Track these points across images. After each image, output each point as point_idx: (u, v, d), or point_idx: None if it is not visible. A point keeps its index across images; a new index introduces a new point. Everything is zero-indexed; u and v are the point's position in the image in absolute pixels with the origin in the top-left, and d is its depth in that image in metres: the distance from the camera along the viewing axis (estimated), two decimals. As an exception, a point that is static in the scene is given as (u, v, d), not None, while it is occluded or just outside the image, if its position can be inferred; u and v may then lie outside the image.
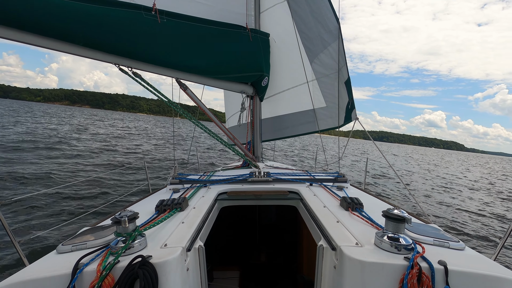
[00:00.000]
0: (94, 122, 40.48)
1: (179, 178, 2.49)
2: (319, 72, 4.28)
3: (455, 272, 1.01)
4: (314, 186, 2.42)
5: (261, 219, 3.57)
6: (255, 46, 3.36)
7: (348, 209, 1.71)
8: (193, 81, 3.01)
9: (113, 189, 7.59)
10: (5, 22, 1.90)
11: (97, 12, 2.19)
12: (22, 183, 7.11)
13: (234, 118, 5.36)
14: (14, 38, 1.99)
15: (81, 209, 5.78)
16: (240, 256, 3.40)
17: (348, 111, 4.17)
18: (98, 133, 23.95)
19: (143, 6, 2.44)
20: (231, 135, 3.36)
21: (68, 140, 16.41)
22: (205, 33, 2.86)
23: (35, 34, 2.04)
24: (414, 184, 14.49)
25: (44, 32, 2.04)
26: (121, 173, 9.36)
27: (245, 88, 3.57)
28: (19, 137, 14.65)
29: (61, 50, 2.19)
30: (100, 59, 2.36)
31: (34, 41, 2.05)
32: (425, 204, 9.67)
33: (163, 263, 1.04)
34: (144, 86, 2.64)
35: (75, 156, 11.85)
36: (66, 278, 0.98)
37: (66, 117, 47.34)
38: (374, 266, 1.04)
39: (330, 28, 4.06)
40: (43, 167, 8.92)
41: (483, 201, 11.45)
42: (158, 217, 1.51)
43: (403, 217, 1.14)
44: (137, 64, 2.52)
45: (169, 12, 2.60)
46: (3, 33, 1.93)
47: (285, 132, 4.84)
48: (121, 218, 1.11)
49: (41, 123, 26.91)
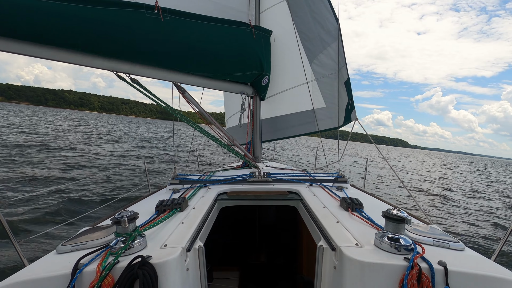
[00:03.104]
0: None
1: (179, 178, 2.49)
2: (319, 73, 4.29)
3: (455, 272, 1.01)
4: (314, 187, 2.41)
5: (261, 219, 3.57)
6: (257, 44, 3.35)
7: (348, 210, 1.71)
8: (191, 83, 2.98)
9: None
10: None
11: (98, 15, 2.13)
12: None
13: (234, 118, 5.36)
14: (6, 49, 1.83)
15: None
16: (240, 256, 3.40)
17: (347, 111, 4.17)
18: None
19: (145, 4, 2.38)
20: (231, 136, 3.36)
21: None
22: (208, 31, 2.82)
23: (30, 43, 1.90)
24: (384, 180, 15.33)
25: (39, 39, 1.92)
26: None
27: (244, 89, 3.57)
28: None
29: (56, 59, 2.08)
30: (98, 66, 2.28)
31: (29, 51, 1.92)
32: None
33: (163, 263, 1.04)
34: (142, 92, 2.60)
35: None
36: (66, 278, 0.98)
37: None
38: (374, 266, 1.04)
39: (330, 29, 4.07)
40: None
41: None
42: (158, 217, 1.51)
43: (403, 218, 1.14)
44: (135, 69, 2.47)
45: (172, 10, 2.55)
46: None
47: (285, 132, 4.84)
48: (121, 218, 1.11)
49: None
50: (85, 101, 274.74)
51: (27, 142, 14.69)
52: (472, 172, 32.67)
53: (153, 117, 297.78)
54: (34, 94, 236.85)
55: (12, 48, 1.88)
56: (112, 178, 8.68)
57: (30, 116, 45.82)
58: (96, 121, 58.48)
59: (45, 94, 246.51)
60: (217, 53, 2.93)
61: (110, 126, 44.36)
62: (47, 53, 2.03)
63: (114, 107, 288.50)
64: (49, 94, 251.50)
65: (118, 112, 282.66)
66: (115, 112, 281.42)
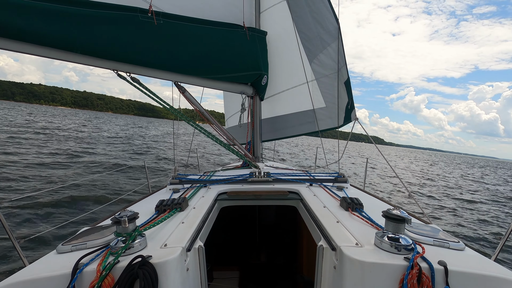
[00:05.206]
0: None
1: (179, 178, 2.48)
2: (319, 72, 4.29)
3: (455, 272, 1.01)
4: (314, 186, 2.41)
5: (261, 219, 3.57)
6: (252, 45, 3.35)
7: (348, 209, 1.71)
8: (192, 83, 3.00)
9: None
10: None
11: (92, 17, 2.14)
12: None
13: (234, 118, 5.36)
14: (8, 48, 1.91)
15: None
16: (240, 256, 3.40)
17: (347, 111, 4.17)
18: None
19: (139, 8, 2.40)
20: (230, 136, 3.36)
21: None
22: (202, 33, 2.84)
23: (31, 44, 1.97)
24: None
25: (39, 41, 1.98)
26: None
27: (244, 89, 3.57)
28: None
29: (57, 58, 2.13)
30: (97, 65, 2.31)
31: (29, 50, 1.99)
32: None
33: (163, 263, 1.04)
34: (143, 91, 2.61)
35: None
36: (66, 278, 0.98)
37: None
38: (374, 266, 1.04)
39: (330, 29, 4.07)
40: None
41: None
42: (158, 217, 1.51)
43: (403, 218, 1.14)
44: (135, 69, 2.49)
45: (165, 14, 2.58)
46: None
47: (285, 132, 4.84)
48: (121, 218, 1.11)
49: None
50: (57, 95, 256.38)
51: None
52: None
53: (131, 113, 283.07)
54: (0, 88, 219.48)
55: (15, 47, 1.95)
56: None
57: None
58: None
59: (12, 88, 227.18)
60: (212, 55, 2.94)
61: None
62: (49, 53, 2.07)
63: (89, 103, 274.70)
64: (16, 88, 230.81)
65: (93, 108, 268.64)
66: (89, 107, 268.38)
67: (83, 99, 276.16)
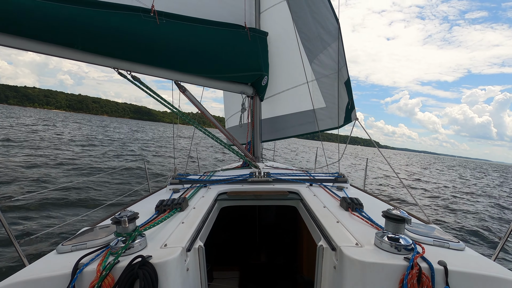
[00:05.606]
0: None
1: (179, 178, 2.48)
2: (319, 73, 4.28)
3: (455, 272, 1.01)
4: (314, 186, 2.41)
5: (261, 219, 3.57)
6: (254, 45, 3.36)
7: (348, 209, 1.71)
8: (192, 82, 3.01)
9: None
10: (1, 29, 1.88)
11: (96, 17, 2.17)
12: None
13: (234, 118, 5.35)
14: (11, 45, 1.95)
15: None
16: (240, 256, 3.39)
17: (348, 111, 4.17)
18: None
19: (142, 8, 2.43)
20: (230, 136, 3.36)
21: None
22: (204, 33, 2.85)
23: (33, 40, 2.01)
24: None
25: (42, 37, 2.02)
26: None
27: (245, 89, 3.57)
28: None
29: (59, 56, 2.17)
30: (99, 63, 2.34)
31: (31, 47, 2.03)
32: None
33: (163, 263, 1.04)
34: (143, 90, 2.63)
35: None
36: (66, 278, 0.98)
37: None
38: (374, 266, 1.04)
39: (330, 29, 4.07)
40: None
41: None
42: (158, 217, 1.51)
43: (403, 218, 1.14)
44: (136, 67, 2.51)
45: (168, 13, 2.60)
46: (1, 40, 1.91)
47: (285, 132, 4.84)
48: (121, 218, 1.11)
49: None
50: (51, 99, 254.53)
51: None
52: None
53: (127, 116, 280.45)
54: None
55: (19, 44, 2.00)
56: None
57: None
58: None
59: (5, 91, 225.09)
60: (214, 54, 2.96)
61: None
62: (52, 50, 2.10)
63: (84, 106, 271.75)
64: (10, 91, 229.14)
65: (88, 111, 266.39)
66: (84, 111, 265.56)
67: (78, 102, 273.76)
